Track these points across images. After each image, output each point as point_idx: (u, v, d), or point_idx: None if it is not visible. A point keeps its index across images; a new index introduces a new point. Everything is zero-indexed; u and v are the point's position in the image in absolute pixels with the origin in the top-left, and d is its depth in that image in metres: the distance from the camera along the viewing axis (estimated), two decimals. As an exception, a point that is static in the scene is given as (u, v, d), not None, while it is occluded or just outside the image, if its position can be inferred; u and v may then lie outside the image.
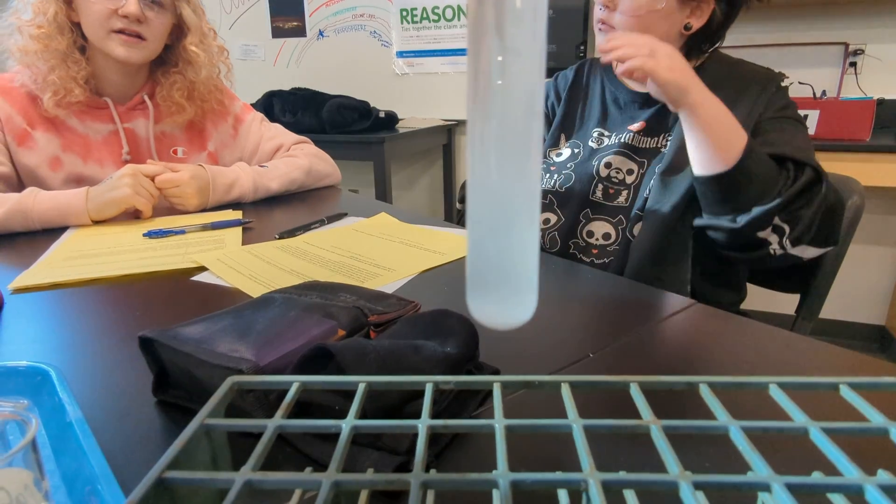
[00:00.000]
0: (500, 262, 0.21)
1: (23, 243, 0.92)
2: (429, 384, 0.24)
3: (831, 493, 0.18)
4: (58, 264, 0.79)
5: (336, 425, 0.22)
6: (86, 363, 0.53)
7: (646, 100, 0.98)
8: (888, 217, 2.24)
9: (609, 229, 0.97)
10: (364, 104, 2.48)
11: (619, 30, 0.89)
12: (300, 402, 0.36)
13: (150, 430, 0.42)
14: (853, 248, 1.03)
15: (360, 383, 0.25)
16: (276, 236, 0.91)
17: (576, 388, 0.24)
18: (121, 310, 0.66)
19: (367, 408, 0.23)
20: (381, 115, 2.48)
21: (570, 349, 0.53)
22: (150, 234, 0.93)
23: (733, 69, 0.94)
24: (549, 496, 0.28)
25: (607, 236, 0.97)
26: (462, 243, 0.84)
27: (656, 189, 0.90)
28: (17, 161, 1.11)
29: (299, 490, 0.27)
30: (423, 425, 0.21)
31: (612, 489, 0.19)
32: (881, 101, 2.01)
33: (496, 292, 0.21)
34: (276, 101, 2.51)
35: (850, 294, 2.33)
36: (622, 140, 0.98)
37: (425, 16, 2.73)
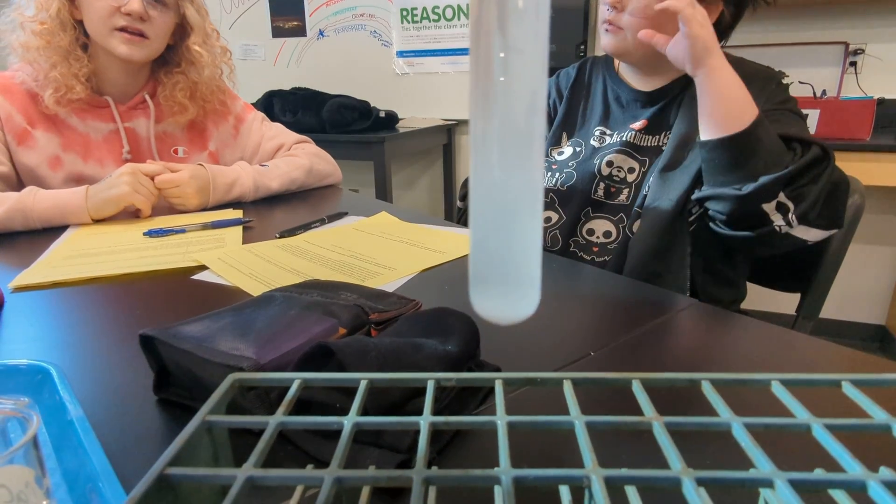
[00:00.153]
0: (502, 257, 0.20)
1: (23, 242, 0.92)
2: (430, 381, 0.24)
3: (834, 490, 0.18)
4: (58, 263, 0.79)
5: (338, 422, 0.22)
6: (86, 362, 0.53)
7: (648, 98, 0.98)
8: (888, 216, 2.24)
9: (609, 227, 0.97)
10: (364, 104, 2.48)
11: (627, 31, 0.89)
12: (301, 401, 0.36)
13: (150, 429, 0.42)
14: (853, 248, 1.03)
15: (362, 380, 0.25)
16: (277, 235, 0.91)
17: (578, 385, 0.24)
18: (121, 308, 0.65)
19: (368, 406, 0.23)
20: (382, 114, 2.48)
21: (572, 347, 0.53)
22: (150, 233, 0.93)
23: (734, 67, 0.94)
24: (551, 494, 0.28)
25: (608, 234, 0.97)
26: (463, 242, 0.84)
27: (655, 185, 0.90)
28: (17, 160, 1.11)
29: (300, 488, 0.27)
30: (425, 422, 0.21)
31: (614, 486, 0.19)
32: (881, 101, 2.01)
33: (498, 287, 0.21)
34: (276, 100, 2.51)
35: (851, 293, 2.33)
36: (624, 138, 0.98)
37: (425, 15, 2.73)
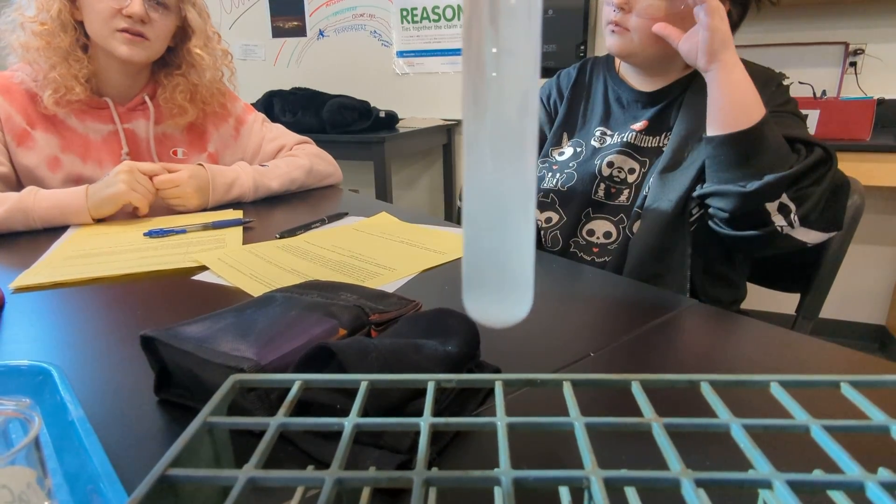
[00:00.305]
0: (495, 259, 0.20)
1: (24, 243, 0.92)
2: (431, 382, 0.24)
3: (833, 491, 0.18)
4: (59, 264, 0.80)
5: (338, 423, 0.22)
6: (87, 362, 0.53)
7: (648, 99, 0.98)
8: (888, 217, 2.24)
9: (610, 228, 0.97)
10: (364, 104, 2.48)
11: (634, 32, 0.89)
12: (301, 402, 0.36)
13: (151, 429, 0.42)
14: (853, 248, 1.03)
15: (363, 381, 0.25)
16: (277, 236, 0.91)
17: (577, 386, 0.24)
18: (122, 309, 0.66)
19: (369, 407, 0.23)
20: (382, 114, 2.48)
21: (571, 348, 0.53)
22: (150, 234, 0.93)
23: None
24: (550, 495, 0.28)
25: (608, 235, 0.97)
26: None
27: (655, 186, 0.90)
28: (16, 161, 1.11)
29: (301, 489, 0.27)
30: (426, 422, 0.22)
31: (613, 487, 0.19)
32: (881, 101, 2.01)
33: (492, 290, 0.21)
34: (276, 100, 2.51)
35: (851, 293, 2.33)
36: (624, 139, 0.98)
37: (425, 15, 2.73)
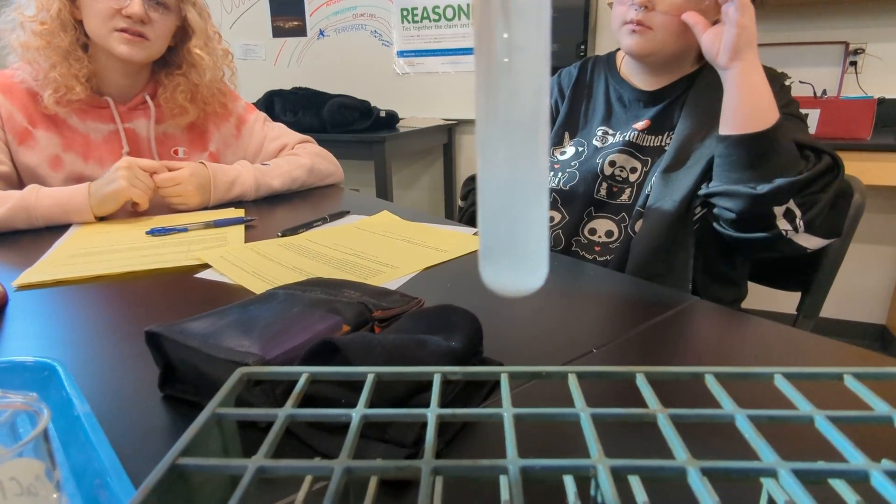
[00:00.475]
0: (510, 230, 0.21)
1: (26, 241, 0.92)
2: (437, 374, 0.25)
3: (835, 480, 0.18)
4: (61, 262, 0.80)
5: (346, 413, 0.22)
6: (90, 359, 0.53)
7: (650, 98, 0.98)
8: (889, 216, 2.24)
9: (611, 227, 0.97)
10: (365, 104, 2.48)
11: (658, 30, 0.89)
12: (305, 398, 0.36)
13: (156, 425, 0.42)
14: (854, 247, 1.03)
15: (369, 374, 0.25)
16: (279, 234, 0.91)
17: (582, 378, 0.25)
18: (125, 306, 0.66)
19: (373, 402, 0.23)
20: (382, 114, 2.48)
21: (573, 345, 0.53)
22: (152, 232, 0.93)
23: None
24: (555, 489, 0.28)
25: (609, 234, 0.97)
26: (464, 241, 0.85)
27: (658, 186, 0.90)
28: (18, 160, 1.11)
29: (308, 481, 0.27)
30: (433, 414, 0.22)
31: (620, 477, 0.19)
32: (882, 101, 2.01)
33: (508, 260, 0.22)
34: (276, 100, 2.51)
35: (851, 293, 2.33)
36: (626, 138, 0.98)
37: (426, 15, 2.73)
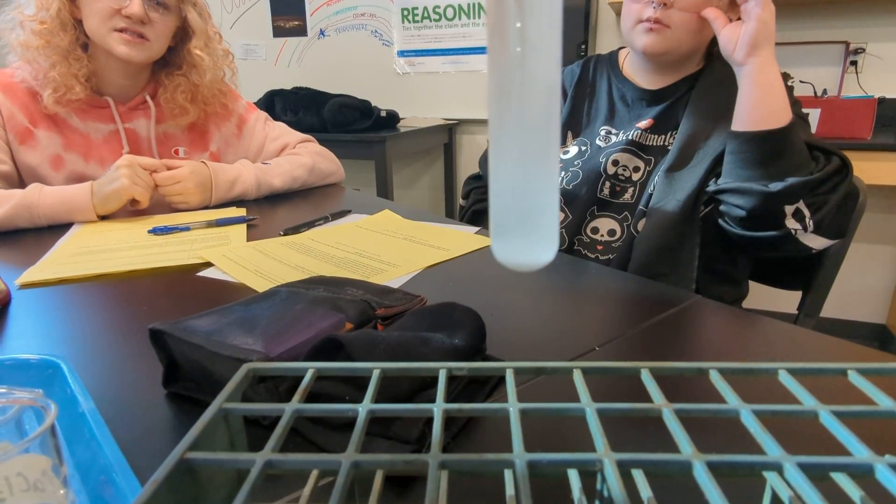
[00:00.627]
0: (521, 205, 0.22)
1: (29, 239, 0.93)
2: (442, 370, 0.25)
3: (838, 474, 0.18)
4: (64, 260, 0.80)
5: (353, 409, 0.22)
6: (94, 357, 0.53)
7: (653, 97, 0.98)
8: (889, 216, 2.24)
9: (614, 226, 0.97)
10: (365, 103, 2.48)
11: (675, 28, 0.89)
12: (310, 395, 0.37)
13: (160, 422, 0.42)
14: (854, 247, 1.03)
15: (375, 370, 0.25)
16: (281, 233, 0.91)
17: (587, 374, 0.25)
18: (127, 305, 0.66)
19: (377, 399, 0.23)
20: (383, 114, 2.49)
21: (576, 342, 0.53)
22: (154, 231, 0.93)
23: None
24: (560, 484, 0.28)
25: (612, 233, 0.97)
26: (466, 239, 0.85)
27: (661, 185, 0.90)
28: (19, 160, 1.11)
29: (314, 476, 0.27)
30: (439, 409, 0.22)
31: (625, 472, 0.19)
32: (882, 100, 2.01)
33: (518, 233, 0.22)
34: (277, 100, 2.51)
35: (852, 292, 2.33)
36: (629, 137, 0.98)
37: (426, 15, 2.73)
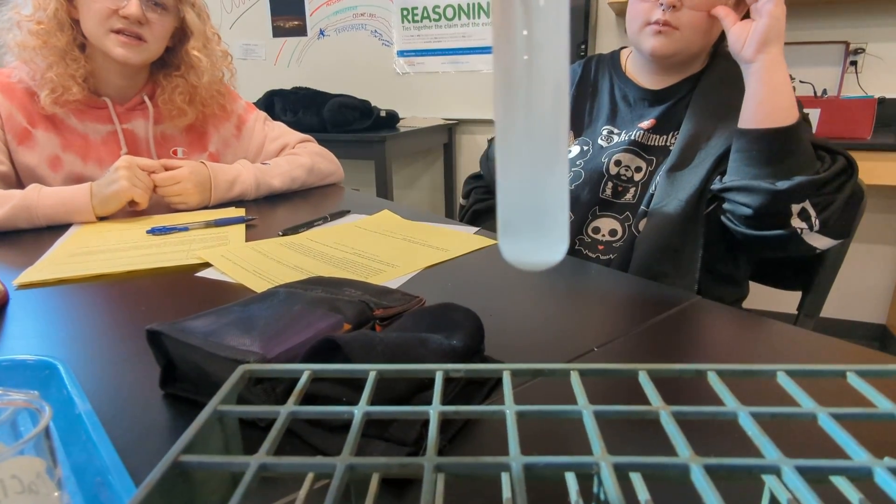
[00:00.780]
0: (529, 204, 0.21)
1: (27, 240, 0.92)
2: (439, 372, 0.25)
3: (836, 477, 0.18)
4: (62, 260, 0.80)
5: (349, 411, 0.22)
6: (91, 358, 0.53)
7: (655, 97, 0.98)
8: (889, 216, 2.24)
9: (615, 226, 0.97)
10: (365, 103, 2.48)
11: (684, 29, 0.89)
12: (306, 396, 0.36)
13: (157, 423, 0.42)
14: (854, 247, 1.03)
15: (371, 371, 0.25)
16: (280, 233, 0.91)
17: (585, 375, 0.24)
18: (125, 305, 0.66)
19: (374, 400, 0.23)
20: (382, 114, 2.48)
21: (575, 343, 0.53)
22: (153, 231, 0.93)
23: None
24: (557, 487, 0.28)
25: (613, 232, 0.97)
26: (465, 240, 0.84)
27: (662, 185, 0.90)
28: (17, 160, 1.10)
29: (309, 478, 0.27)
30: (435, 411, 0.22)
31: (622, 475, 0.19)
32: (882, 100, 2.01)
33: (527, 232, 0.22)
34: (277, 100, 2.51)
35: (851, 292, 2.33)
36: (632, 137, 0.98)
37: (426, 15, 2.73)
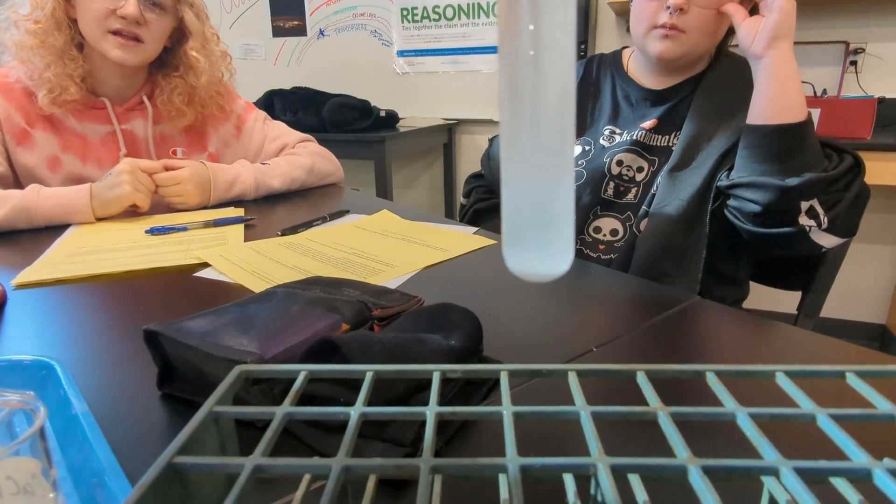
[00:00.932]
0: (535, 214, 0.21)
1: (25, 240, 0.92)
2: (436, 373, 0.24)
3: (836, 479, 0.18)
4: (60, 260, 0.80)
5: (345, 412, 0.22)
6: (89, 358, 0.53)
7: (657, 97, 0.98)
8: (889, 215, 2.24)
9: (617, 225, 0.97)
10: (365, 103, 2.48)
11: (691, 32, 0.89)
12: (303, 397, 0.36)
13: (154, 424, 0.42)
14: (854, 247, 1.03)
15: (368, 372, 0.25)
16: (279, 233, 0.91)
17: (583, 376, 0.24)
18: (124, 305, 0.66)
19: (372, 401, 0.23)
20: (382, 114, 2.48)
21: (574, 344, 0.53)
22: (152, 231, 0.93)
23: (744, 68, 0.94)
24: (554, 488, 0.28)
25: (615, 232, 0.97)
26: (464, 240, 0.84)
27: (664, 185, 0.90)
28: (16, 161, 1.10)
29: (306, 479, 0.27)
30: (432, 412, 0.22)
31: (620, 476, 0.19)
32: (882, 100, 2.01)
33: (534, 243, 0.21)
34: (276, 100, 2.51)
35: (851, 292, 2.33)
36: (633, 137, 0.98)
37: (426, 15, 2.73)
